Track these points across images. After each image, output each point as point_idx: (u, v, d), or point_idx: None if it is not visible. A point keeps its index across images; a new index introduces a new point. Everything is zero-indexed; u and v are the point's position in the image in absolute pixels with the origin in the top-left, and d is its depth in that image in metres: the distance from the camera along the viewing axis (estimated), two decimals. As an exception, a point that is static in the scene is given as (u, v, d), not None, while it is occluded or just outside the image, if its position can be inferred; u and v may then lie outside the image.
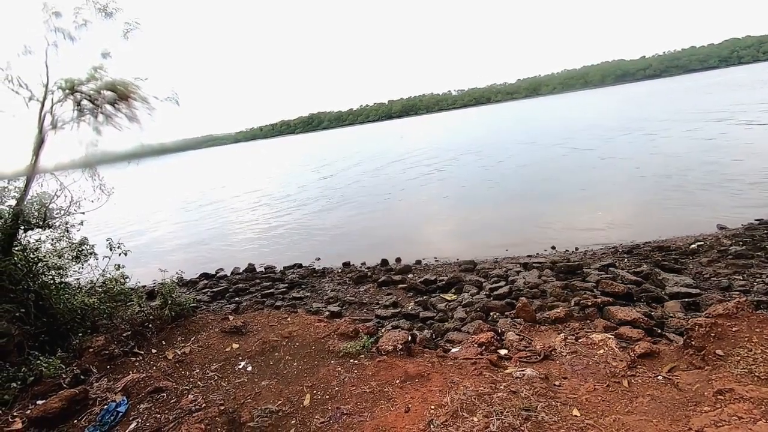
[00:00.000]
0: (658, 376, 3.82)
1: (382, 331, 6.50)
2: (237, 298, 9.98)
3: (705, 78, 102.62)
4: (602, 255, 9.80)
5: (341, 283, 10.36)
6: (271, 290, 10.21)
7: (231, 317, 5.83)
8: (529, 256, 10.59)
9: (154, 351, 5.09)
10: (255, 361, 4.68)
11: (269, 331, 5.18)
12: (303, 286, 10.39)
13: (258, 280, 11.25)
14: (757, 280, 7.25)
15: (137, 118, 5.54)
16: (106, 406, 4.14)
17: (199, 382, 4.45)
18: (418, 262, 11.38)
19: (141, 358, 4.97)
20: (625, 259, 9.17)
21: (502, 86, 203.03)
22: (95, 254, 6.43)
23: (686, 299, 6.64)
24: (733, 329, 3.78)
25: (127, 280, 6.74)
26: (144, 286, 10.45)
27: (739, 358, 3.42)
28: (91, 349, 4.99)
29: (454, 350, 5.19)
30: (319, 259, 12.93)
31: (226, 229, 19.60)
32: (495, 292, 7.91)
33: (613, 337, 4.93)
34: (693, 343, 3.90)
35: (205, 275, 12.55)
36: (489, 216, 15.25)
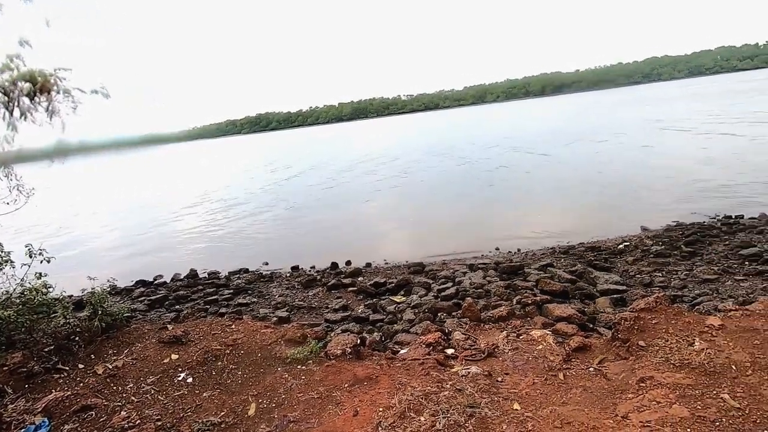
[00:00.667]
0: (589, 367, 4.10)
1: (332, 335, 6.44)
2: (177, 306, 9.45)
3: (632, 91, 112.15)
4: (542, 255, 10.36)
5: (290, 288, 10.15)
6: (215, 297, 9.77)
7: (170, 326, 5.51)
8: (475, 257, 10.96)
9: (81, 366, 4.68)
10: (196, 371, 4.45)
11: (212, 339, 4.95)
12: (249, 292, 10.05)
13: (201, 287, 10.73)
14: (674, 276, 8.01)
15: (59, 113, 5.07)
16: (23, 430, 3.76)
17: (133, 398, 4.16)
18: (368, 264, 11.40)
19: (66, 374, 4.56)
20: (562, 259, 9.76)
21: (450, 93, 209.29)
22: (11, 262, 5.79)
23: (615, 295, 7.18)
24: (653, 322, 4.14)
25: (51, 289, 6.14)
26: (71, 296, 9.60)
27: (657, 348, 3.75)
28: (5, 368, 4.50)
29: (402, 351, 5.26)
30: (267, 263, 12.57)
31: (166, 233, 18.52)
32: (443, 293, 8.11)
33: (550, 333, 5.22)
34: (619, 335, 4.22)
35: (141, 282, 11.76)
36: (438, 218, 15.63)
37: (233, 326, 5.28)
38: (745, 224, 10.62)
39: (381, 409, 3.59)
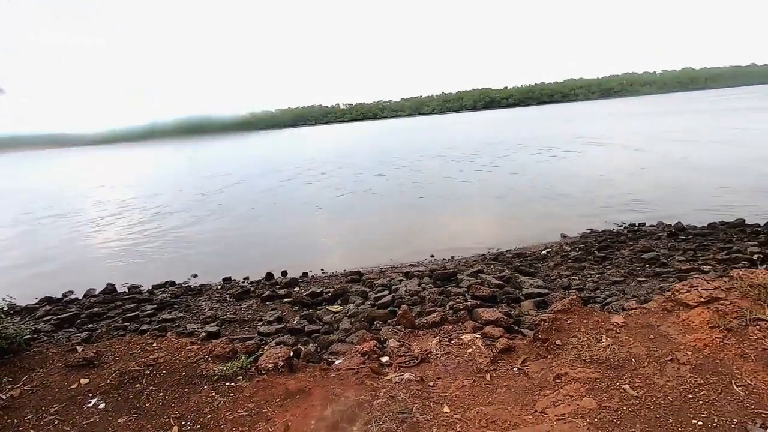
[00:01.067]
0: (514, 368, 4.35)
1: (264, 348, 6.23)
2: (91, 325, 8.59)
3: (550, 109, 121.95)
4: (473, 262, 10.85)
5: (221, 301, 9.66)
6: (136, 313, 9.03)
7: (80, 348, 4.98)
8: (411, 265, 11.21)
9: (-33, 399, 4.08)
10: (110, 396, 4.07)
11: (129, 360, 4.56)
12: (175, 307, 9.41)
13: (119, 303, 9.87)
14: (588, 279, 8.77)
15: None
16: None
17: (31, 431, 3.70)
18: (305, 274, 11.21)
19: (-54, 409, 3.94)
20: (492, 265, 10.29)
21: (389, 103, 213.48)
22: None
23: (538, 298, 7.70)
24: (568, 322, 4.51)
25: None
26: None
27: (572, 346, 4.09)
28: None
29: (337, 362, 5.21)
30: (195, 275, 11.88)
31: (79, 244, 16.81)
32: (379, 301, 8.18)
33: (479, 336, 5.46)
34: (540, 336, 4.53)
35: (47, 300, 10.55)
36: (376, 227, 15.79)
37: (155, 344, 4.91)
38: (647, 231, 11.94)
39: (313, 422, 3.53)
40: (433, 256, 11.78)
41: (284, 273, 11.40)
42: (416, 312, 7.18)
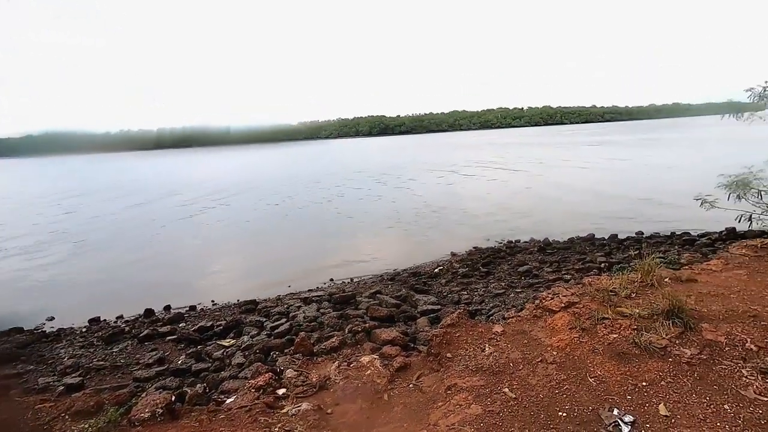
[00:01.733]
0: (410, 384, 4.48)
1: (141, 395, 5.49)
2: None
3: (438, 137, 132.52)
4: (372, 283, 11.04)
5: (86, 346, 8.31)
6: (-35, 371, 7.29)
7: None
8: (309, 290, 10.98)
9: None
10: None
11: (-49, 431, 3.64)
12: (22, 358, 7.83)
13: (-60, 360, 7.87)
14: (475, 293, 9.53)
15: None
16: None
17: None
18: (193, 308, 10.26)
19: None
20: (389, 285, 10.58)
21: (285, 127, 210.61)
22: None
23: (431, 315, 8.10)
24: (457, 335, 4.82)
25: None
26: None
27: (460, 357, 4.37)
28: None
29: (229, 401, 4.83)
30: (52, 318, 10.09)
31: None
32: (276, 331, 7.83)
33: (378, 357, 5.54)
34: (432, 350, 4.76)
35: None
36: (272, 253, 15.21)
37: (-10, 408, 4.01)
38: (521, 247, 13.45)
39: (199, 473, 3.19)
40: (332, 280, 11.70)
41: (167, 308, 10.30)
42: (315, 338, 7.01)
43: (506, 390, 3.61)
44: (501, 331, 4.63)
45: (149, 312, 9.94)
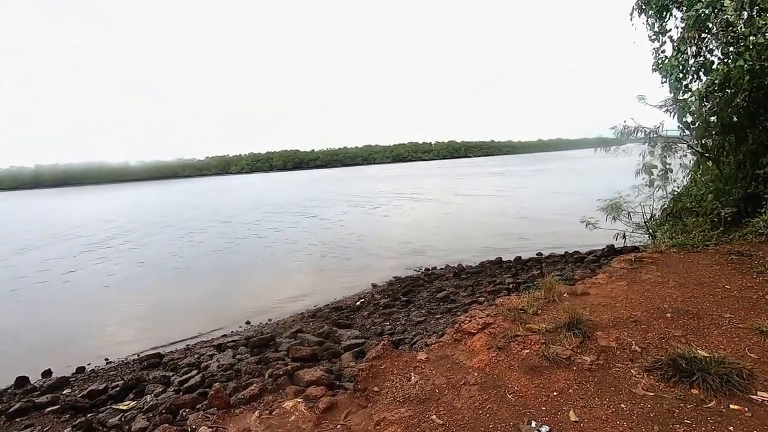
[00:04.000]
0: (337, 425, 4.30)
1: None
2: None
3: (352, 171, 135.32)
4: (292, 322, 10.59)
5: (-69, 433, 6.68)
6: None
7: None
8: (224, 335, 10.19)
9: None
10: None
11: None
12: None
13: None
14: (397, 323, 9.61)
15: None
16: None
17: None
18: (81, 369, 8.89)
19: None
20: (311, 323, 10.24)
21: (191, 161, 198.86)
22: None
23: (356, 349, 7.97)
24: (383, 367, 4.79)
25: None
26: None
27: (387, 390, 4.33)
28: None
29: (129, 474, 4.19)
30: None
31: None
32: (185, 385, 7.07)
33: (302, 400, 5.25)
34: (359, 386, 4.65)
35: None
36: (179, 299, 13.89)
37: None
38: (438, 273, 14.00)
39: None
40: (248, 323, 11.01)
41: (47, 373, 8.80)
42: (232, 388, 6.47)
43: (434, 417, 3.64)
44: (425, 358, 4.70)
45: (23, 380, 8.38)
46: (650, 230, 8.88)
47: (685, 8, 7.27)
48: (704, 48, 7.19)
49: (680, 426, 3.01)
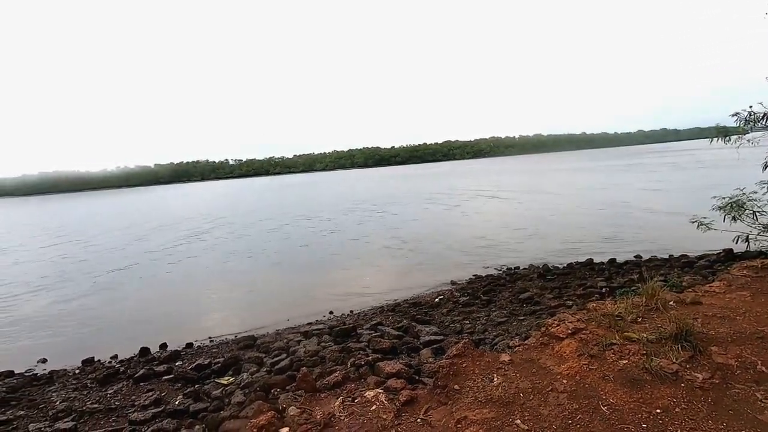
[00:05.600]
0: (417, 419, 4.35)
1: (138, 440, 5.29)
2: None
3: (432, 167, 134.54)
4: (372, 315, 10.89)
5: (79, 388, 8.05)
6: (-48, 419, 7.00)
7: None
8: (309, 323, 10.80)
9: None
10: None
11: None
12: (13, 403, 7.55)
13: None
14: (477, 322, 9.40)
15: None
16: None
17: None
18: (190, 345, 10.03)
19: None
20: (390, 317, 10.44)
21: (280, 159, 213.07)
22: None
23: (435, 345, 7.95)
24: (463, 365, 4.73)
25: None
26: None
27: (468, 389, 4.27)
28: None
29: (230, 442, 4.65)
30: (44, 360, 9.81)
31: None
32: (276, 367, 7.64)
33: (383, 390, 5.39)
34: (439, 383, 4.65)
35: None
36: (270, 286, 15.03)
37: (-19, 457, 3.83)
38: (521, 273, 13.40)
39: None
40: (332, 313, 11.54)
41: (163, 346, 10.06)
42: (317, 373, 6.83)
43: (518, 422, 3.51)
44: (508, 360, 4.55)
45: (144, 351, 9.70)
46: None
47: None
48: None
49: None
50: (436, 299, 11.64)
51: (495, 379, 4.23)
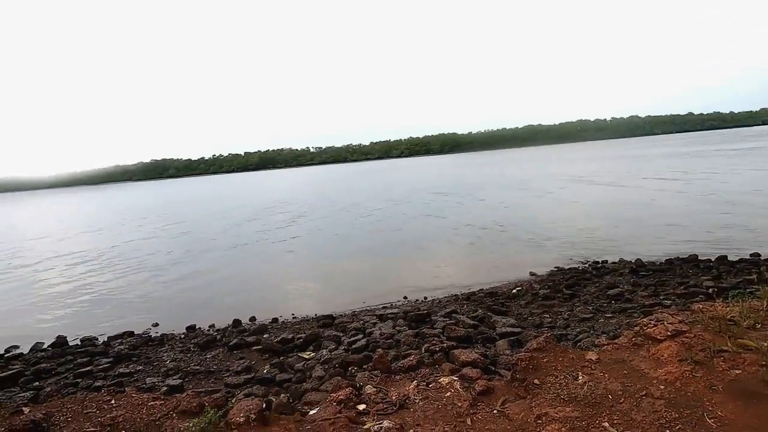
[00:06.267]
0: (494, 410, 4.28)
1: (233, 401, 5.86)
2: (37, 383, 7.85)
3: (512, 153, 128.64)
4: (447, 302, 10.84)
5: (184, 351, 9.12)
6: (89, 368, 8.35)
7: (26, 409, 4.52)
8: (384, 307, 11.06)
9: None
10: (60, 463, 3.68)
11: (84, 420, 4.17)
12: (134, 359, 8.79)
13: (70, 357, 9.12)
14: (558, 317, 8.92)
15: None
16: None
17: None
18: (275, 320, 10.83)
19: None
20: (465, 305, 10.31)
21: (358, 147, 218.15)
22: None
23: (511, 337, 7.71)
24: (545, 360, 4.53)
25: None
26: None
27: (549, 384, 4.09)
28: None
29: (312, 412, 4.96)
30: (156, 324, 11.23)
31: (24, 294, 15.62)
32: (353, 346, 7.96)
33: (457, 378, 5.37)
34: (517, 375, 4.51)
35: (-14, 357, 9.62)
36: (347, 269, 15.62)
37: (113, 401, 4.52)
38: (610, 268, 12.40)
39: (289, 480, 3.30)
40: (406, 298, 11.70)
41: (252, 319, 10.97)
42: (392, 356, 7.02)
43: (606, 424, 3.30)
44: (595, 358, 4.27)
45: (237, 322, 10.67)
46: None
47: None
48: None
49: None
50: (514, 290, 11.25)
51: (580, 378, 3.99)
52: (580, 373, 4.09)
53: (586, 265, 13.09)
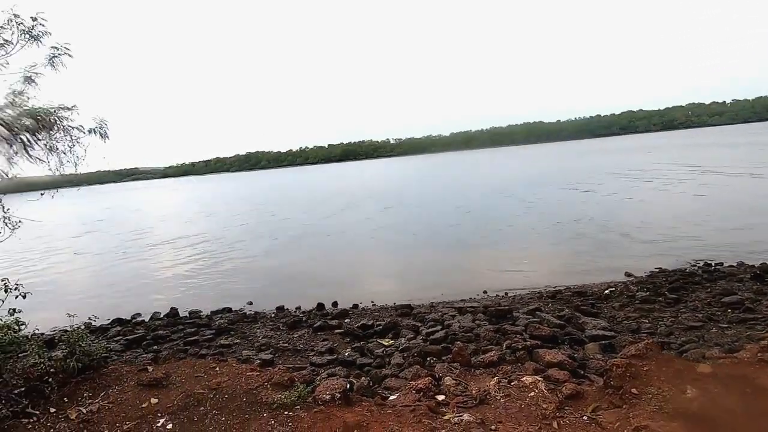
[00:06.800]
0: (583, 416, 4.03)
1: (318, 379, 6.24)
2: (156, 347, 9.09)
3: (611, 142, 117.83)
4: (529, 300, 10.37)
5: (274, 329, 9.88)
6: (196, 337, 9.45)
7: (150, 368, 5.26)
8: (463, 300, 10.91)
9: (53, 410, 4.39)
10: (177, 417, 4.23)
11: (195, 382, 4.74)
12: (232, 333, 9.74)
13: (181, 326, 10.38)
14: (660, 323, 8.07)
15: (57, 150, 5.11)
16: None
17: (106, 446, 3.91)
18: (355, 306, 11.23)
19: (36, 419, 4.26)
20: (550, 304, 9.77)
21: (438, 138, 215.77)
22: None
23: (603, 341, 7.16)
24: (645, 369, 4.14)
25: (23, 327, 5.85)
26: (42, 334, 9.13)
27: (651, 396, 3.73)
28: (-31, 411, 4.20)
29: (392, 397, 5.09)
30: (251, 303, 12.29)
31: (147, 270, 18.06)
32: (431, 337, 7.99)
33: (542, 379, 5.14)
34: (612, 382, 4.19)
35: (118, 321, 11.31)
36: (426, 260, 15.64)
37: (217, 368, 5.08)
38: (725, 272, 10.89)
39: (372, 459, 3.44)
40: (485, 292, 11.41)
41: (335, 304, 11.50)
42: (471, 349, 6.92)
43: (721, 447, 2.93)
44: (709, 372, 3.80)
45: (321, 306, 11.26)
46: None
47: None
48: None
49: None
50: (606, 291, 10.39)
51: (689, 392, 3.59)
52: (689, 387, 3.67)
53: (695, 267, 11.64)
